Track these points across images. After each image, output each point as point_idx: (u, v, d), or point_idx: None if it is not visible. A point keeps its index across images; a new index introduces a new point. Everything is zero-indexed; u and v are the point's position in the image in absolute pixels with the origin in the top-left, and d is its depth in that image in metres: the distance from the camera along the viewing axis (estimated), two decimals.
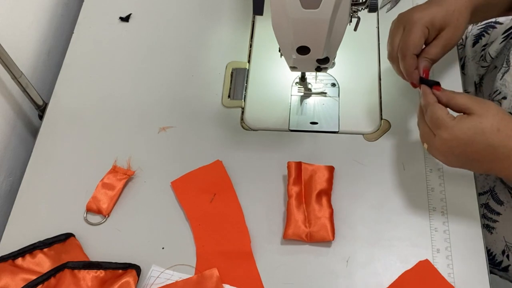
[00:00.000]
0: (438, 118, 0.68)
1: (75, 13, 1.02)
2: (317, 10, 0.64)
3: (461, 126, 0.67)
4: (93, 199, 0.80)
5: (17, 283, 0.71)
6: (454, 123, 0.67)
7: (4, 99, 0.89)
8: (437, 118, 0.68)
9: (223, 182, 0.80)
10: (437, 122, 0.68)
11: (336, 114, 0.86)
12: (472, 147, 0.67)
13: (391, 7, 0.94)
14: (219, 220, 0.78)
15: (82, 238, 0.77)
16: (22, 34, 0.93)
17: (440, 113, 0.68)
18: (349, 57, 0.91)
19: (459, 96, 0.69)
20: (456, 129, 0.67)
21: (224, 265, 0.74)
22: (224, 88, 0.90)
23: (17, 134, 0.92)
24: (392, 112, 0.86)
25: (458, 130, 0.67)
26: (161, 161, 0.83)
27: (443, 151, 0.69)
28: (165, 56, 0.94)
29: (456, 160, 0.70)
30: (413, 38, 0.74)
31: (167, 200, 0.80)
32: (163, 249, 0.76)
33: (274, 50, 0.78)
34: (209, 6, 0.99)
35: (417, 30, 0.73)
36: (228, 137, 0.85)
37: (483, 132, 0.66)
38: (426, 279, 0.72)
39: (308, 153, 0.82)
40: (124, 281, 0.71)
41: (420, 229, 0.76)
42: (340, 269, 0.73)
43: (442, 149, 0.69)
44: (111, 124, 0.88)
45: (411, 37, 0.74)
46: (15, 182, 0.90)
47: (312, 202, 0.76)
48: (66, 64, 0.94)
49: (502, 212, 0.88)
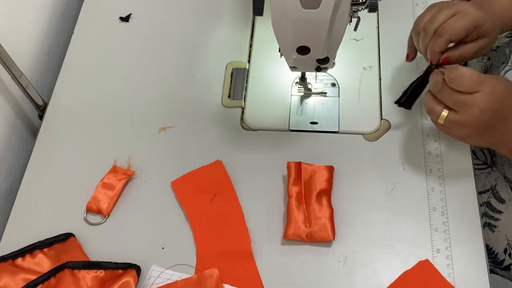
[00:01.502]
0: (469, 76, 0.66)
1: (75, 13, 1.02)
2: (317, 10, 0.64)
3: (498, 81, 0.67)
4: (93, 199, 0.80)
5: (17, 283, 0.71)
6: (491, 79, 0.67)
7: (4, 99, 0.89)
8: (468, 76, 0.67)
9: (223, 182, 0.80)
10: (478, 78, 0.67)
11: (336, 114, 0.86)
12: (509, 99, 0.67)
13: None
14: (219, 220, 0.78)
15: (82, 238, 0.77)
16: (22, 34, 0.93)
17: (471, 71, 0.67)
18: (349, 57, 0.91)
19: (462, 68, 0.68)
20: (495, 83, 0.67)
21: (224, 265, 0.74)
22: (224, 88, 0.90)
23: (17, 134, 0.92)
24: (392, 112, 0.86)
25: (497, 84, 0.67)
26: (161, 161, 0.83)
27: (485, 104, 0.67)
28: (165, 56, 0.94)
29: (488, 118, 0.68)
30: (461, 26, 0.72)
31: (167, 200, 0.80)
32: (163, 249, 0.76)
33: (274, 50, 0.78)
34: (209, 6, 0.99)
35: (468, 21, 0.73)
36: (228, 137, 0.85)
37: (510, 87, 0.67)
38: (426, 279, 0.72)
39: (308, 153, 0.82)
40: (124, 281, 0.71)
41: (420, 229, 0.76)
42: (340, 269, 0.73)
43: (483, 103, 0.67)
44: (111, 124, 0.88)
45: (459, 24, 0.73)
46: (15, 182, 0.90)
47: (312, 202, 0.76)
48: (66, 64, 0.94)
49: (504, 211, 0.88)
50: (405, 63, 0.84)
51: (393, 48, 0.92)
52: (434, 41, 0.74)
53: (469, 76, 0.67)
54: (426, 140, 0.83)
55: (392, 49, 0.92)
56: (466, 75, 0.67)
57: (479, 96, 0.67)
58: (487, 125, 0.70)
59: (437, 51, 0.74)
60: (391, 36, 0.93)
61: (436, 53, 0.74)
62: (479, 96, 0.67)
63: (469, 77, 0.67)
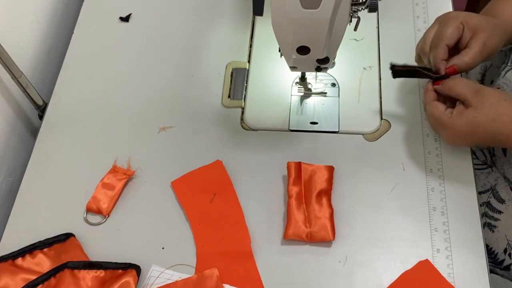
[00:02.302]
0: (436, 118, 0.74)
1: (75, 13, 1.02)
2: (317, 10, 0.64)
3: (458, 123, 0.72)
4: (93, 199, 0.80)
5: (17, 283, 0.71)
6: (452, 121, 0.73)
7: (4, 99, 0.89)
8: (435, 118, 0.75)
9: (223, 182, 0.80)
10: (436, 121, 0.75)
11: (336, 114, 0.86)
12: (474, 136, 0.73)
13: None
14: (219, 220, 0.77)
15: (82, 238, 0.77)
16: (22, 34, 0.93)
17: (437, 113, 0.74)
18: (349, 57, 0.91)
19: (459, 86, 0.73)
20: (454, 126, 0.73)
21: (224, 265, 0.74)
22: (224, 88, 0.90)
23: (17, 134, 0.92)
24: (392, 112, 0.86)
25: (457, 127, 0.72)
26: (161, 161, 0.83)
27: (451, 142, 0.76)
28: (165, 56, 0.94)
29: (465, 144, 0.79)
30: (447, 29, 0.75)
31: (167, 200, 0.80)
32: (163, 249, 0.76)
33: (274, 50, 0.78)
34: (209, 6, 0.99)
35: (451, 23, 0.76)
36: (228, 137, 0.85)
37: (479, 125, 0.71)
38: (426, 279, 0.72)
39: (308, 153, 0.82)
40: (124, 281, 0.71)
41: (420, 229, 0.76)
42: (340, 269, 0.73)
43: (449, 141, 0.76)
44: (111, 124, 0.88)
45: (445, 29, 0.76)
46: (15, 182, 0.90)
47: (312, 202, 0.76)
48: (66, 64, 0.94)
49: (504, 211, 0.88)
50: (405, 63, 0.84)
51: (393, 48, 0.92)
52: (433, 53, 0.76)
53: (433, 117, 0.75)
54: (426, 140, 0.83)
55: (392, 49, 0.92)
56: (431, 115, 0.75)
57: (443, 134, 0.76)
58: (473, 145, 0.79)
59: (440, 60, 0.75)
60: (391, 36, 0.93)
61: (439, 62, 0.75)
62: (443, 135, 0.76)
63: (431, 118, 0.76)
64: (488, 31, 0.75)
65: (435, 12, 0.94)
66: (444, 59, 0.75)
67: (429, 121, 0.78)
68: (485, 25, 0.76)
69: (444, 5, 0.95)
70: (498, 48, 0.77)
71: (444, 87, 0.74)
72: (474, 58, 0.75)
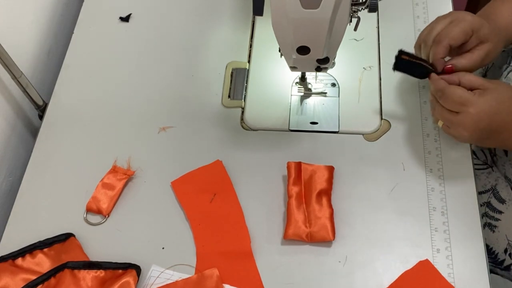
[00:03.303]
0: (460, 96, 0.71)
1: (75, 13, 1.02)
2: (317, 10, 0.64)
3: (485, 99, 0.70)
4: (93, 199, 0.80)
5: (17, 283, 0.71)
6: (477, 97, 0.70)
7: (4, 99, 0.89)
8: (460, 96, 0.71)
9: (223, 182, 0.80)
10: (461, 100, 0.71)
11: (336, 114, 0.86)
12: (497, 116, 0.71)
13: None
14: (219, 220, 0.77)
15: (82, 238, 0.77)
16: (22, 34, 0.93)
17: (460, 91, 0.71)
18: (349, 57, 0.91)
19: (469, 74, 0.73)
20: (481, 102, 0.70)
21: (224, 265, 0.74)
22: (224, 88, 0.90)
23: (17, 134, 0.92)
24: (392, 112, 0.86)
25: (483, 103, 0.70)
26: (161, 161, 0.83)
27: (470, 125, 0.72)
28: (165, 56, 0.94)
29: (479, 135, 0.73)
30: (456, 30, 0.75)
31: (167, 200, 0.80)
32: (163, 249, 0.76)
33: (274, 50, 0.78)
34: (209, 6, 0.99)
35: (463, 26, 0.75)
36: (228, 137, 0.85)
37: (504, 101, 0.71)
38: (426, 279, 0.72)
39: (308, 153, 0.82)
40: (124, 281, 0.71)
41: (420, 229, 0.76)
42: (340, 269, 0.73)
43: (469, 124, 0.72)
44: (111, 124, 0.88)
45: (454, 29, 0.75)
46: (15, 182, 0.90)
47: (312, 202, 0.76)
48: (66, 64, 0.94)
49: (504, 211, 0.88)
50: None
51: (393, 48, 0.91)
52: (434, 48, 0.76)
53: (457, 96, 0.71)
54: (426, 140, 0.83)
55: (392, 49, 0.91)
56: (453, 95, 0.71)
57: (464, 117, 0.71)
58: (481, 138, 0.74)
59: (439, 57, 0.75)
60: (391, 36, 0.93)
61: (438, 59, 0.75)
62: (464, 117, 0.71)
63: (455, 98, 0.71)
64: (494, 43, 0.76)
65: (435, 12, 0.94)
66: (443, 57, 0.75)
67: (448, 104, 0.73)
68: (493, 38, 0.76)
69: (444, 5, 0.95)
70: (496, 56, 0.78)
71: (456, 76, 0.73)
72: (474, 64, 0.75)
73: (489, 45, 0.75)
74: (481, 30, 0.75)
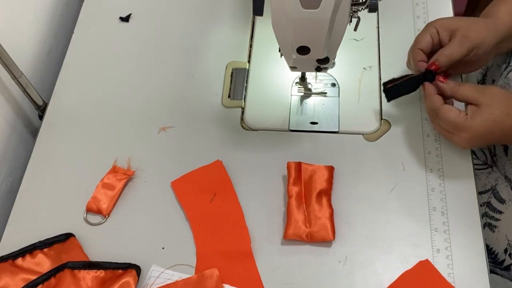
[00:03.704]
0: (452, 121, 0.73)
1: (75, 13, 1.02)
2: (317, 10, 0.64)
3: (477, 123, 0.72)
4: (93, 199, 0.80)
5: (17, 283, 0.71)
6: (469, 122, 0.72)
7: (4, 99, 0.89)
8: (452, 121, 0.73)
9: (223, 182, 0.80)
10: (453, 125, 0.73)
11: (336, 114, 0.86)
12: (490, 136, 0.73)
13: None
14: (219, 220, 0.77)
15: (82, 238, 0.77)
16: (22, 34, 0.93)
17: (452, 116, 0.73)
18: (349, 57, 0.91)
19: (463, 88, 0.74)
20: (473, 128, 0.72)
21: (224, 265, 0.74)
22: (224, 88, 0.90)
23: (17, 134, 0.92)
24: (392, 112, 0.86)
25: (475, 128, 0.72)
26: (161, 161, 0.83)
27: (465, 145, 0.76)
28: (165, 56, 0.94)
29: (478, 145, 0.79)
30: (419, 37, 0.79)
31: (167, 200, 0.80)
32: (163, 249, 0.76)
33: (274, 50, 0.78)
34: (209, 6, 0.99)
35: (424, 31, 0.79)
36: (228, 137, 0.85)
37: (495, 122, 0.71)
38: (426, 279, 0.72)
39: (308, 153, 0.82)
40: (124, 281, 0.71)
41: (420, 229, 0.76)
42: (340, 269, 0.73)
43: (463, 145, 0.76)
44: (111, 124, 0.88)
45: (418, 37, 0.80)
46: (15, 182, 0.90)
47: (312, 202, 0.76)
48: (66, 64, 0.94)
49: (504, 211, 0.88)
50: (405, 63, 0.84)
51: (393, 48, 0.92)
52: (411, 56, 0.79)
53: (450, 121, 0.73)
54: (426, 140, 0.83)
55: (392, 49, 0.92)
56: (446, 120, 0.73)
57: (458, 138, 0.74)
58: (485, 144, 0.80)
59: (415, 62, 0.78)
60: (391, 36, 0.93)
61: (417, 63, 0.78)
62: (458, 139, 0.74)
63: (448, 122, 0.73)
64: (466, 25, 0.77)
65: (435, 12, 0.94)
66: (420, 60, 0.78)
67: (442, 124, 0.75)
68: (460, 22, 0.77)
69: (444, 5, 0.95)
70: (486, 41, 0.77)
71: (449, 89, 0.75)
72: (452, 50, 0.76)
73: (462, 30, 0.76)
74: (445, 23, 0.78)
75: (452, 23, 0.78)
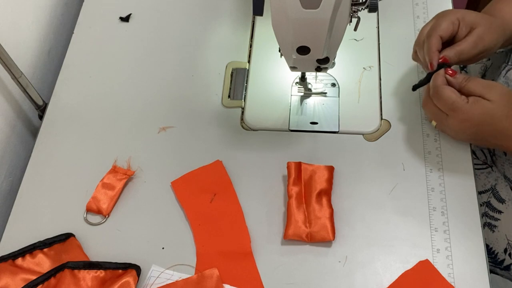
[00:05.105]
0: (453, 101, 0.72)
1: (75, 13, 1.02)
2: (317, 10, 0.64)
3: (474, 110, 0.71)
4: (93, 199, 0.80)
5: (17, 283, 0.71)
6: (468, 106, 0.71)
7: (4, 99, 0.89)
8: (452, 101, 0.72)
9: (223, 182, 0.80)
10: (452, 105, 0.72)
11: (336, 114, 0.86)
12: (482, 128, 0.73)
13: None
14: (219, 220, 0.78)
15: (82, 238, 0.77)
16: (22, 34, 0.93)
17: (453, 96, 0.72)
18: (349, 57, 0.91)
19: (471, 83, 0.73)
20: (470, 112, 0.72)
21: (224, 265, 0.74)
22: (224, 88, 0.90)
23: (17, 134, 0.92)
24: (392, 112, 0.86)
25: (472, 113, 0.72)
26: (161, 161, 0.83)
27: (456, 129, 0.75)
28: (165, 56, 0.94)
29: (465, 137, 0.78)
30: (442, 21, 0.77)
31: (167, 200, 0.80)
32: (163, 249, 0.76)
33: (274, 50, 0.78)
34: (209, 6, 0.99)
35: (447, 18, 0.77)
36: (228, 137, 0.85)
37: (492, 118, 0.71)
38: (426, 279, 0.72)
39: (308, 153, 0.82)
40: (124, 281, 0.71)
41: (420, 229, 0.76)
42: (340, 269, 0.73)
43: (455, 128, 0.75)
44: (111, 124, 0.88)
45: (440, 21, 0.77)
46: (15, 182, 0.90)
47: (312, 202, 0.76)
48: (66, 64, 0.94)
49: (504, 210, 0.88)
50: (405, 63, 0.84)
51: (393, 48, 0.92)
52: (427, 43, 0.77)
53: (449, 99, 0.72)
54: (426, 140, 0.83)
55: (392, 49, 0.92)
56: (445, 97, 0.72)
57: (451, 120, 0.74)
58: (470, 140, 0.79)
59: (433, 50, 0.76)
60: (391, 36, 0.93)
61: (433, 52, 0.76)
62: (451, 121, 0.74)
63: (447, 100, 0.72)
64: (485, 26, 0.76)
65: (435, 12, 0.93)
66: (437, 49, 0.76)
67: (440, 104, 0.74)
68: (481, 21, 0.76)
69: (444, 5, 0.95)
70: (496, 45, 0.77)
71: (457, 83, 0.74)
72: (465, 48, 0.75)
73: (480, 29, 0.76)
74: (467, 17, 0.76)
75: (474, 20, 0.76)
